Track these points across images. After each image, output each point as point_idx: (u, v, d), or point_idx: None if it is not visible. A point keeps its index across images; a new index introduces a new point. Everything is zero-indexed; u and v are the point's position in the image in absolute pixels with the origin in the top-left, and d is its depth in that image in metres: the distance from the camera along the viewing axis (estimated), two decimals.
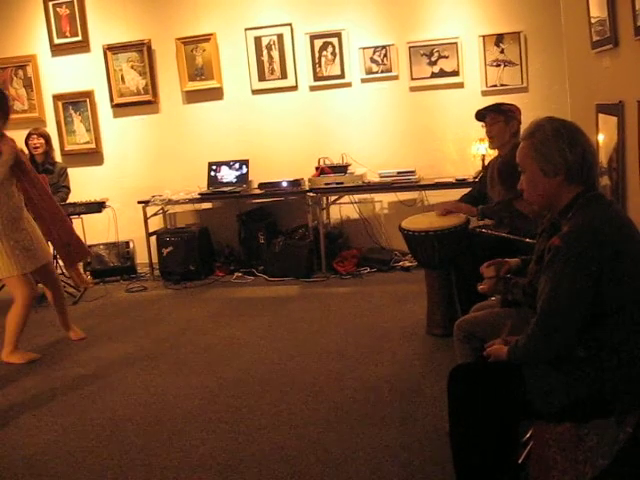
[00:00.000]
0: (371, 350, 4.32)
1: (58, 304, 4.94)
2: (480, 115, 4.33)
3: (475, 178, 5.93)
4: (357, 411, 3.45)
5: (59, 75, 7.34)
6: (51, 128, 7.21)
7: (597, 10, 4.07)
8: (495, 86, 6.34)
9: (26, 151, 6.42)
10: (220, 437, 3.30)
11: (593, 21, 4.21)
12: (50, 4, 7.17)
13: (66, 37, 7.22)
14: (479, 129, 4.58)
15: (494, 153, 4.51)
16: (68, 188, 6.45)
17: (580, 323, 2.10)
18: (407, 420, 3.30)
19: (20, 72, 7.39)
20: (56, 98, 7.32)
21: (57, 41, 7.25)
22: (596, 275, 2.06)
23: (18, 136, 6.52)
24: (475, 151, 6.13)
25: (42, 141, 6.38)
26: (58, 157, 7.05)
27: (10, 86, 7.42)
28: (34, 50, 7.34)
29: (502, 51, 6.27)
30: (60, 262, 5.25)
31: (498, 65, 6.31)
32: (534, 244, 2.65)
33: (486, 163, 5.69)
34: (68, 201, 6.31)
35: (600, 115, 4.21)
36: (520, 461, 2.39)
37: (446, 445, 2.35)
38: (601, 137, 4.18)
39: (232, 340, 4.77)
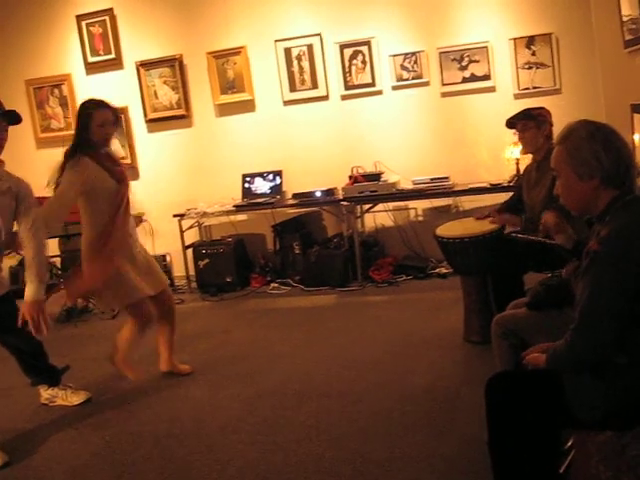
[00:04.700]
0: (408, 358, 4.29)
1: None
2: (510, 123, 4.29)
3: (510, 182, 5.87)
4: (395, 421, 3.43)
5: (94, 93, 7.36)
6: None
7: (628, 8, 4.02)
8: (527, 89, 6.26)
9: None
10: (258, 448, 3.30)
11: (625, 20, 4.16)
12: (83, 23, 7.29)
13: (99, 55, 7.34)
14: (512, 133, 4.54)
15: (528, 157, 4.46)
16: None
17: (620, 328, 2.06)
18: (445, 429, 3.27)
19: (56, 91, 7.53)
20: None
21: (91, 59, 7.37)
22: (635, 279, 2.02)
23: (55, 154, 6.67)
24: (509, 155, 6.05)
25: None
26: None
27: (47, 105, 7.57)
28: (69, 69, 7.48)
29: (533, 53, 6.20)
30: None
31: (530, 68, 6.24)
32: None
33: (520, 167, 5.65)
34: None
35: (635, 115, 4.15)
36: (561, 471, 2.35)
37: (485, 455, 2.31)
38: (637, 137, 4.11)
39: (269, 351, 4.78)
